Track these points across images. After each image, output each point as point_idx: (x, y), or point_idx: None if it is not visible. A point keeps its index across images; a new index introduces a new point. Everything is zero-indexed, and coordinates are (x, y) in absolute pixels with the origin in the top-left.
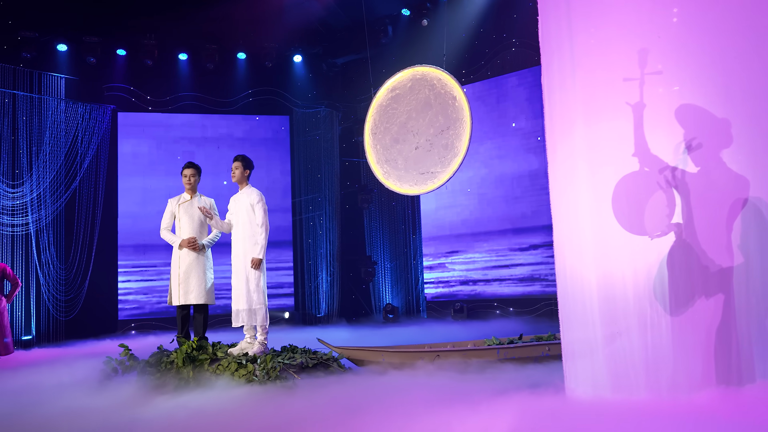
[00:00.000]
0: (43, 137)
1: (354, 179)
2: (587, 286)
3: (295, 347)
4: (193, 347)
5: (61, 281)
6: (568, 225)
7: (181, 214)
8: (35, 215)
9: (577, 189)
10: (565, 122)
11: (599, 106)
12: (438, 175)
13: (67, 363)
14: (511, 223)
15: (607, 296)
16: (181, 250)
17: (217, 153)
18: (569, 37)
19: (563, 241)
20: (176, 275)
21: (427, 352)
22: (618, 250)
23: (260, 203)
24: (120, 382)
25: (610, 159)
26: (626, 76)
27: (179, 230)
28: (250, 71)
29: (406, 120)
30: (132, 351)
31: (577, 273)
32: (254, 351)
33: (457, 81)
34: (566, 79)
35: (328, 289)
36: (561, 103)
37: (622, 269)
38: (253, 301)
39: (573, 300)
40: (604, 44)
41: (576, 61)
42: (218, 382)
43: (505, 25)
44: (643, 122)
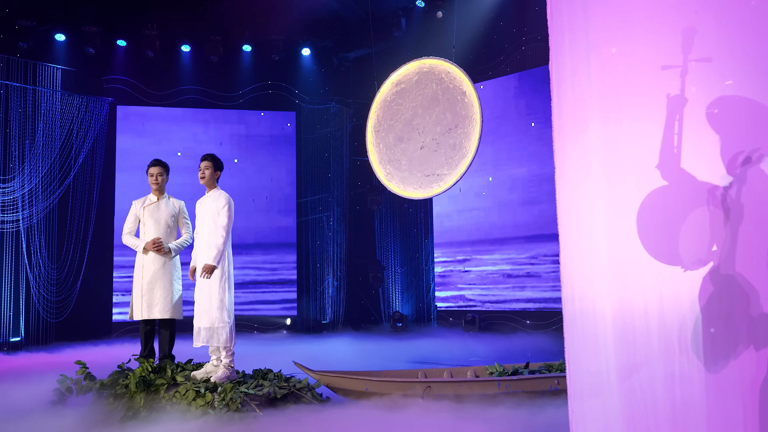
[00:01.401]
0: (36, 130)
1: (365, 179)
2: (600, 316)
3: (268, 371)
4: (149, 369)
5: (52, 281)
6: (578, 243)
7: (145, 217)
8: (26, 211)
9: (590, 200)
10: (576, 118)
11: (621, 99)
12: (444, 178)
13: (30, 376)
14: (529, 230)
15: (624, 329)
16: (145, 254)
17: (218, 149)
18: (584, 9)
19: (572, 261)
20: (139, 286)
21: (418, 382)
22: (640, 275)
23: (227, 207)
24: (69, 407)
25: (633, 166)
26: (666, 63)
27: (143, 235)
28: (256, 64)
29: (412, 117)
30: (89, 369)
31: (587, 300)
32: (218, 377)
33: (467, 75)
34: (579, 64)
35: (335, 295)
36: (572, 94)
37: (645, 299)
38: (214, 319)
39: (582, 331)
40: (627, 20)
41: (591, 40)
42: (171, 413)
43: (526, 18)
44: (682, 124)
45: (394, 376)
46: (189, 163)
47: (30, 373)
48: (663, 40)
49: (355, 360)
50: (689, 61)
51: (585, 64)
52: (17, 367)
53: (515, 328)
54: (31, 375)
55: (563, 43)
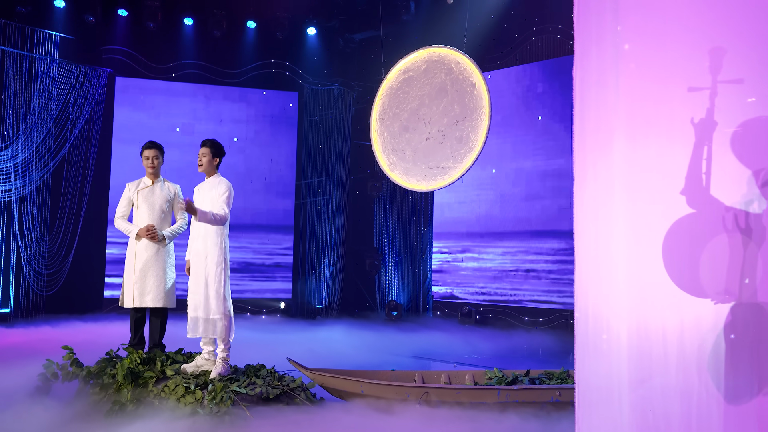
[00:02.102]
0: (32, 98)
1: (366, 164)
2: (615, 336)
3: (261, 367)
4: (138, 361)
5: (44, 254)
6: (594, 259)
7: (139, 201)
8: (19, 182)
9: (610, 218)
10: (600, 131)
11: (649, 116)
12: (449, 171)
13: (15, 355)
14: (531, 225)
15: (640, 353)
16: (138, 241)
17: (218, 127)
18: (614, 17)
19: (587, 277)
20: (131, 272)
21: (416, 387)
22: (660, 300)
23: (227, 195)
24: (53, 395)
25: (658, 187)
26: (692, 85)
27: (137, 220)
28: (260, 42)
29: (418, 106)
30: (76, 355)
31: (602, 318)
32: (216, 372)
33: (477, 66)
34: (606, 74)
35: (330, 280)
36: (596, 105)
37: (663, 323)
38: (211, 310)
39: (594, 349)
40: (660, 32)
41: (620, 51)
42: (159, 409)
43: (539, 8)
44: (711, 149)
45: (390, 377)
46: (187, 139)
47: (15, 351)
48: (694, 59)
49: (350, 352)
50: (718, 83)
51: (613, 74)
52: (3, 344)
53: (512, 324)
54: (17, 353)
55: (589, 48)
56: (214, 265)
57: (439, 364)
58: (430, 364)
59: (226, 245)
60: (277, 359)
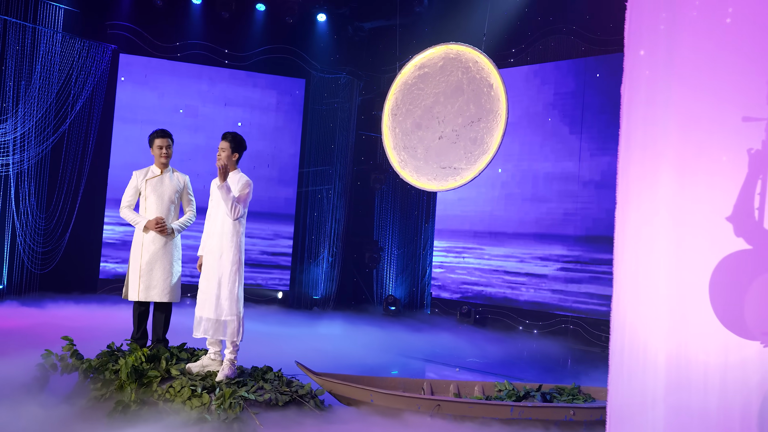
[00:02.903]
0: (33, 71)
1: (369, 155)
2: (651, 359)
3: (267, 370)
4: (143, 359)
5: (40, 231)
6: (634, 278)
7: (148, 191)
8: (17, 156)
9: (653, 241)
10: (646, 151)
11: (701, 141)
12: (461, 173)
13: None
14: (535, 228)
15: (679, 382)
16: (146, 233)
17: (222, 110)
18: (668, 37)
19: (625, 296)
20: (137, 265)
21: (427, 399)
22: (703, 330)
23: (246, 192)
24: (51, 390)
25: (705, 213)
26: (747, 114)
27: (144, 211)
28: (269, 25)
29: (433, 104)
30: (76, 346)
31: (638, 338)
32: (223, 375)
33: (496, 67)
34: (656, 94)
35: (329, 270)
36: (644, 125)
37: (707, 357)
38: (223, 311)
39: (629, 369)
40: (714, 57)
41: (672, 72)
42: (164, 412)
43: (554, 8)
44: (766, 183)
45: (398, 385)
46: (190, 121)
47: (9, 335)
48: (750, 87)
49: (353, 350)
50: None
51: (664, 93)
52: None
53: (510, 326)
54: (10, 337)
55: (638, 65)
56: (229, 264)
57: (442, 367)
58: (433, 367)
59: (242, 244)
60: (281, 357)
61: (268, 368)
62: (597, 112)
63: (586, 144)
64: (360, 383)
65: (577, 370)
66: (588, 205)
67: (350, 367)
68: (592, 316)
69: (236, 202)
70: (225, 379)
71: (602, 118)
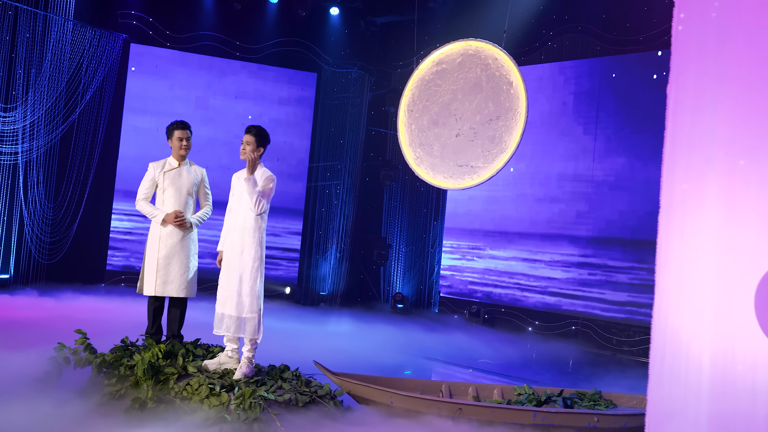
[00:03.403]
0: (44, 59)
1: (378, 152)
2: (694, 360)
3: (284, 368)
4: (159, 355)
5: (47, 221)
6: (678, 283)
7: (165, 184)
8: (26, 144)
9: (699, 246)
10: (693, 156)
11: (751, 149)
12: (478, 171)
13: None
14: (546, 229)
15: (724, 389)
16: (164, 227)
17: (233, 103)
18: (718, 37)
19: (668, 301)
20: (154, 259)
21: (448, 402)
22: (750, 334)
23: (269, 187)
24: (64, 385)
25: (755, 222)
26: None
27: (162, 204)
28: (281, 18)
29: (450, 101)
30: (90, 340)
31: (681, 343)
32: (241, 373)
33: (516, 64)
34: (704, 95)
35: (336, 267)
36: (690, 127)
37: (755, 361)
38: (244, 308)
39: (671, 375)
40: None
41: (723, 75)
42: (181, 410)
43: (571, 6)
44: None
45: (416, 387)
46: (200, 113)
47: (18, 326)
48: None
49: (364, 349)
50: None
51: (711, 102)
52: (5, 317)
53: (520, 327)
54: (20, 329)
55: (687, 70)
56: (251, 260)
57: (455, 368)
58: (446, 368)
59: (263, 240)
60: (294, 355)
61: (285, 367)
62: (612, 112)
63: (600, 145)
64: (378, 384)
65: (591, 373)
66: (601, 207)
67: (362, 366)
68: (602, 319)
69: (261, 197)
70: (243, 378)
71: (617, 118)
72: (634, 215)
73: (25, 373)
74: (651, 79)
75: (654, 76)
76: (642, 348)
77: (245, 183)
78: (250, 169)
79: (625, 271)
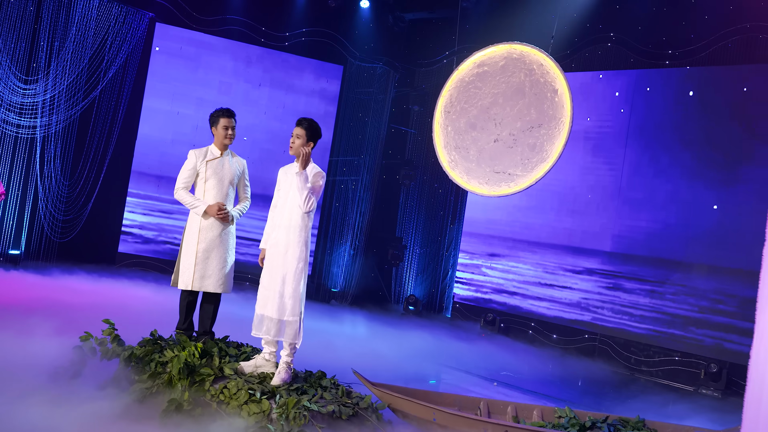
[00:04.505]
0: (68, 33)
1: (397, 150)
2: None
3: (321, 375)
4: (196, 354)
5: (62, 199)
6: None
7: (208, 173)
8: (45, 119)
9: None
10: None
11: None
12: (516, 179)
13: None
14: (567, 240)
15: None
16: (205, 219)
17: (256, 90)
18: None
19: None
20: (192, 252)
21: (494, 424)
22: None
23: (319, 184)
24: (89, 377)
25: None
26: None
27: (203, 194)
28: (311, 7)
29: (490, 105)
30: (117, 331)
31: None
32: (279, 379)
33: (563, 72)
34: None
35: (350, 264)
36: None
37: None
38: (285, 311)
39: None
40: None
41: None
42: (220, 414)
43: (605, 15)
44: None
45: (455, 402)
46: (223, 99)
47: (34, 307)
48: None
49: (382, 352)
50: None
51: None
52: (20, 298)
53: (536, 339)
54: (37, 311)
55: None
56: (295, 260)
57: (478, 380)
58: (469, 379)
59: (309, 240)
60: (320, 358)
61: (322, 374)
62: (644, 126)
63: (629, 158)
64: (417, 397)
65: (616, 394)
66: (625, 222)
67: (388, 373)
68: (621, 336)
69: (311, 193)
70: (282, 384)
71: (649, 132)
72: (659, 233)
73: (46, 362)
74: (687, 96)
75: (690, 93)
76: (662, 369)
77: (296, 178)
78: (302, 163)
79: (647, 289)
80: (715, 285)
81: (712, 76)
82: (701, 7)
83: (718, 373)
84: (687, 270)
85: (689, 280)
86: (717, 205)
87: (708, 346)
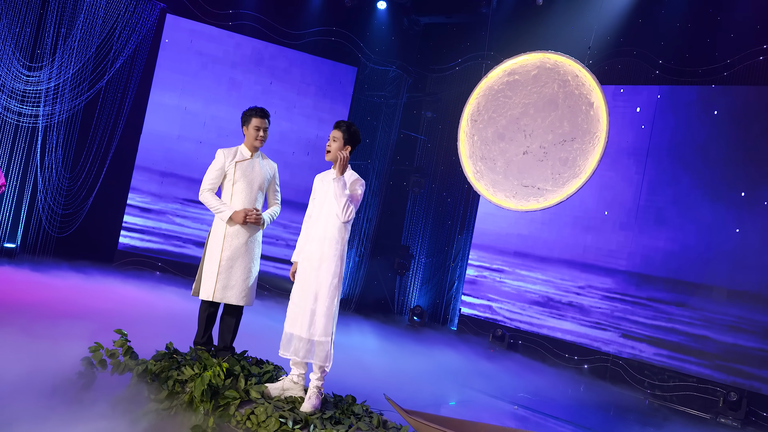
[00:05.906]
0: (75, 20)
1: (406, 157)
2: None
3: (352, 401)
4: (222, 375)
5: (62, 192)
6: None
7: (237, 176)
8: (48, 108)
9: None
10: None
11: None
12: (546, 194)
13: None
14: (580, 257)
15: None
16: (232, 226)
17: (267, 88)
18: None
19: None
20: (215, 260)
21: None
22: None
23: (358, 192)
24: (98, 391)
25: None
26: None
27: (230, 198)
28: (326, 6)
29: (520, 115)
30: (130, 342)
31: None
32: (310, 406)
33: (599, 84)
34: None
35: (354, 271)
36: None
37: None
38: (316, 330)
39: None
40: None
41: None
42: None
43: (626, 29)
44: None
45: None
46: (233, 96)
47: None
48: None
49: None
50: None
51: None
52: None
53: (545, 357)
54: (36, 313)
55: None
56: (330, 276)
57: (497, 401)
58: (488, 401)
59: (344, 254)
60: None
61: (352, 399)
62: (665, 143)
63: (648, 176)
64: (451, 427)
65: (637, 421)
66: (642, 241)
67: (407, 393)
68: (635, 359)
69: (350, 201)
70: (313, 411)
71: (668, 150)
72: (677, 254)
73: (49, 373)
74: (711, 114)
75: (715, 112)
76: (676, 395)
77: (333, 184)
78: (340, 168)
79: (663, 310)
80: (735, 310)
81: (738, 95)
82: (727, 25)
83: (738, 402)
84: (706, 293)
85: (707, 302)
86: (739, 227)
87: (726, 372)
